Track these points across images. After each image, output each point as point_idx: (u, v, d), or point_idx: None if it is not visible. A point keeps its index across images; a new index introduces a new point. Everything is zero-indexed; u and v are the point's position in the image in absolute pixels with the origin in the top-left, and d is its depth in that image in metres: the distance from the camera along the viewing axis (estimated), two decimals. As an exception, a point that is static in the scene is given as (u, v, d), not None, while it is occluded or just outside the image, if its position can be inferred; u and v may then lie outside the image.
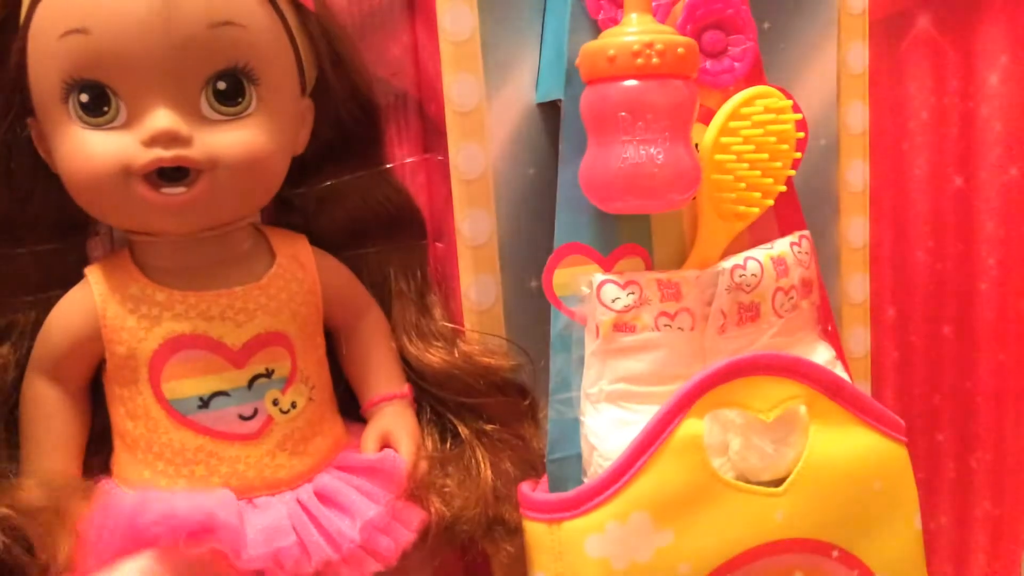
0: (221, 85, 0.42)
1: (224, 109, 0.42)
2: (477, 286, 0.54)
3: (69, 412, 0.46)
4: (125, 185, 0.41)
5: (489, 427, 0.52)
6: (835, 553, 0.51)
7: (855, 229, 0.63)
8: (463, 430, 0.52)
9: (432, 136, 0.55)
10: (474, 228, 0.53)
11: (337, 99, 0.49)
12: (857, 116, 0.62)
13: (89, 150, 0.41)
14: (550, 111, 0.53)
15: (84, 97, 0.41)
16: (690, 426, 0.48)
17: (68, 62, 0.41)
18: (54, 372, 0.45)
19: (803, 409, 0.51)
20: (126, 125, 0.41)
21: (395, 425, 0.51)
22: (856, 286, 0.64)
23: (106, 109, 0.41)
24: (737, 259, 0.51)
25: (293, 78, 0.45)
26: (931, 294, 0.71)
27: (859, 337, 0.64)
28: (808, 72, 0.60)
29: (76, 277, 0.47)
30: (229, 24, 0.41)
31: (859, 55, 0.61)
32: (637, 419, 0.49)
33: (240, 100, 0.42)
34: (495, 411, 0.53)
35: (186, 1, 0.40)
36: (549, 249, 0.51)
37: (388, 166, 0.53)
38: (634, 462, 0.47)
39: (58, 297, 0.46)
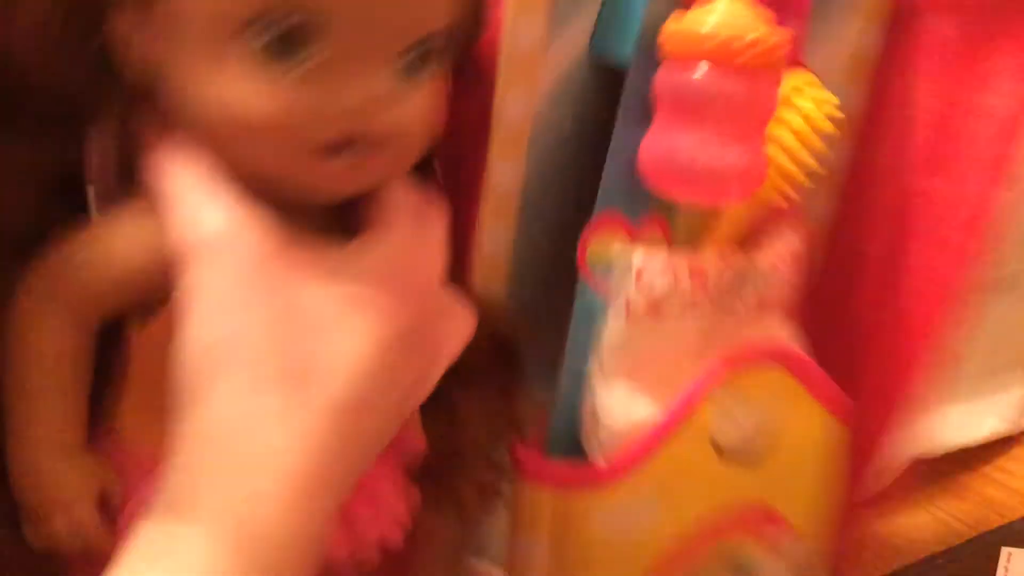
0: (416, 53, 0.34)
1: (410, 79, 0.35)
2: (492, 234, 0.51)
3: (86, 367, 0.38)
4: (295, 150, 0.34)
5: (476, 392, 0.50)
6: (782, 523, 0.56)
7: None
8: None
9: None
10: (503, 175, 0.49)
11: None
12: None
13: (267, 102, 0.32)
14: (600, 65, 0.50)
15: (273, 34, 0.31)
16: (703, 411, 0.50)
17: None
18: (85, 312, 0.37)
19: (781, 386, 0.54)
20: (312, 79, 0.32)
21: None
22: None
23: (295, 55, 0.32)
24: (759, 249, 0.52)
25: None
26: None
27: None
28: (812, 59, 0.60)
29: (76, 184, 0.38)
30: None
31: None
32: (646, 398, 0.50)
33: (423, 71, 0.36)
34: (484, 375, 0.51)
35: None
36: (571, 208, 0.49)
37: None
38: (652, 444, 0.49)
39: (57, 214, 0.38)
